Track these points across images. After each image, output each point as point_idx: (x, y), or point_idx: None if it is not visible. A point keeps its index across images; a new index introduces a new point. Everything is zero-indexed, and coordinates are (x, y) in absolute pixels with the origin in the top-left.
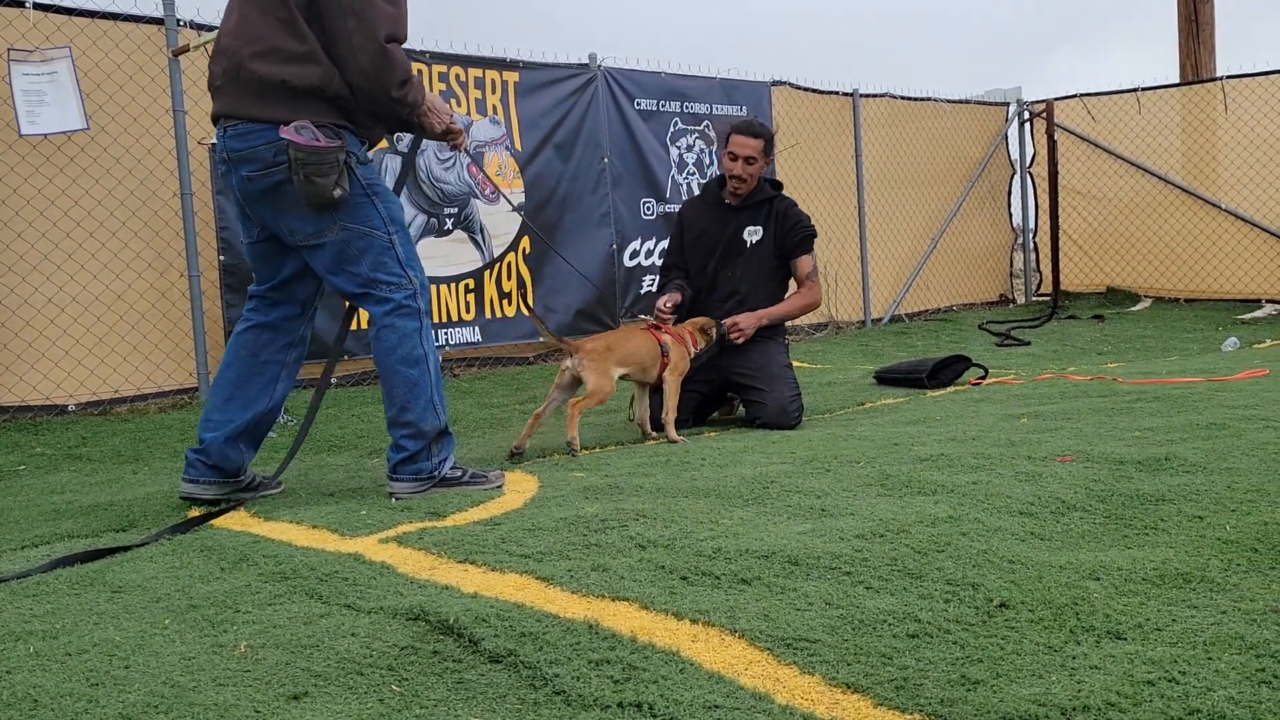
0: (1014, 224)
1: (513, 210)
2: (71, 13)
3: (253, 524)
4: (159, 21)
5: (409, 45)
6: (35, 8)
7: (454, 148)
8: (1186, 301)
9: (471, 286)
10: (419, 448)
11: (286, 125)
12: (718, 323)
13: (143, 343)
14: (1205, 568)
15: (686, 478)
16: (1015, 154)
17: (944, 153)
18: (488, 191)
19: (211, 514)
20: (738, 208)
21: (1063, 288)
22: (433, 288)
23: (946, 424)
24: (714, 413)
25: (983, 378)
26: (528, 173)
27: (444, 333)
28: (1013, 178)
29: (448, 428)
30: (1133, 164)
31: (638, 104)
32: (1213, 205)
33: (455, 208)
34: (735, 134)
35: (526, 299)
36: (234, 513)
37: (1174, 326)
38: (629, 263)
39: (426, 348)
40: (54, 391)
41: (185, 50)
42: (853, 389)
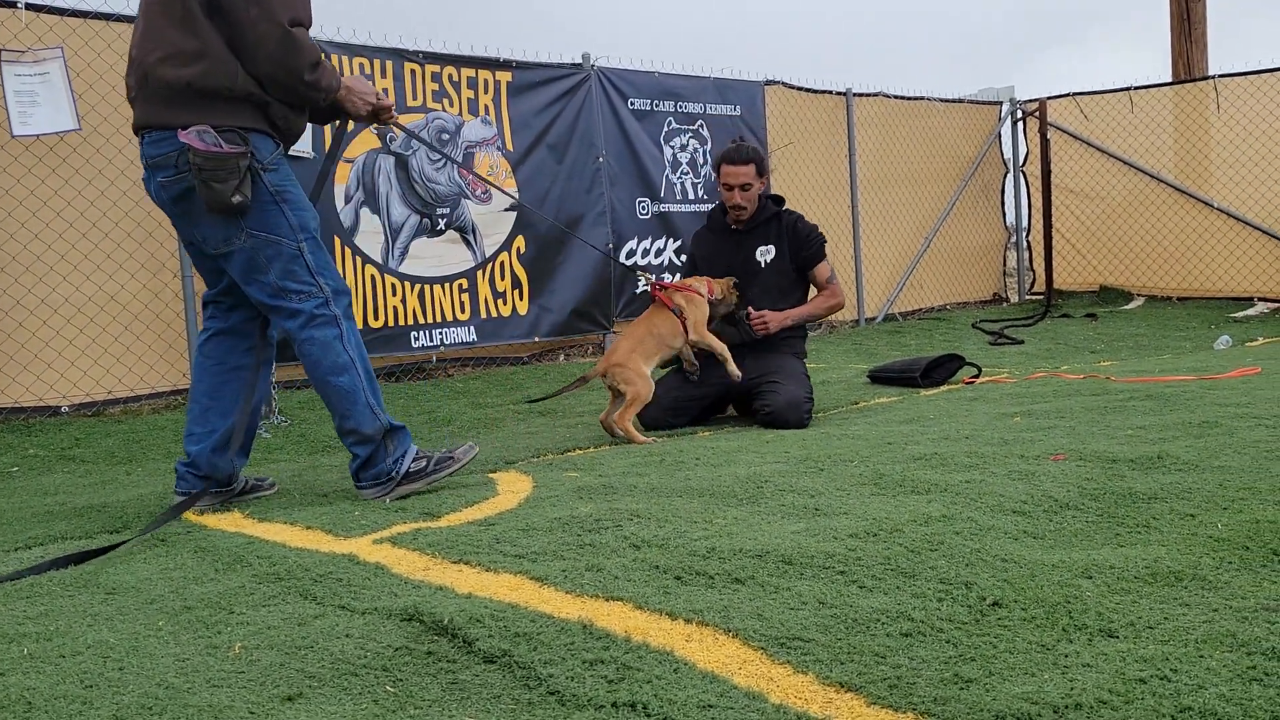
0: (1007, 223)
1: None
2: (64, 13)
3: (247, 525)
4: None
5: (404, 45)
6: (27, 8)
7: (384, 123)
8: (1179, 300)
9: (465, 286)
10: (370, 452)
11: (184, 130)
12: (741, 301)
13: (136, 344)
14: (1197, 566)
15: (680, 477)
16: (1008, 153)
17: (937, 152)
18: (479, 191)
19: (182, 505)
20: (745, 230)
21: (1056, 286)
22: (427, 288)
23: (940, 423)
24: (715, 414)
25: (976, 377)
26: (520, 173)
27: (438, 332)
28: (1006, 177)
29: (394, 424)
30: (1125, 163)
31: (631, 104)
32: (1205, 204)
33: (447, 208)
34: (725, 165)
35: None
36: (228, 514)
37: (1166, 325)
38: (625, 261)
39: (351, 353)
40: (47, 393)
41: None
42: (846, 388)
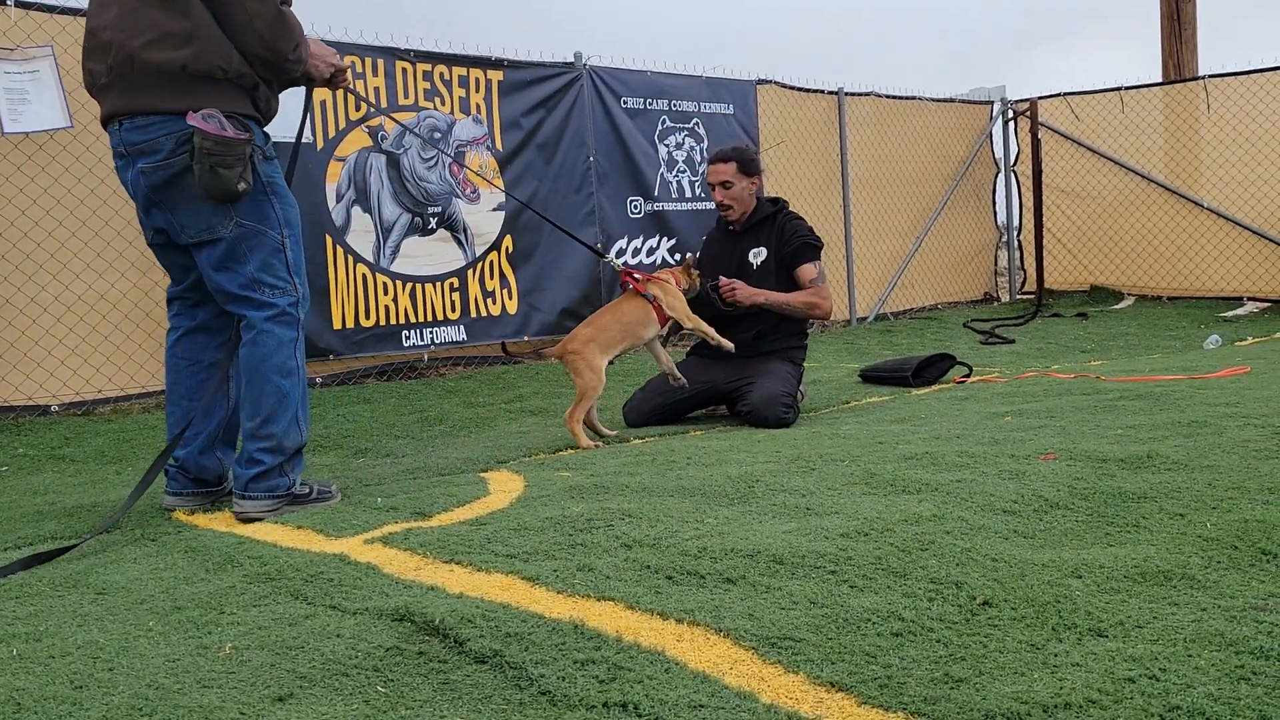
0: (998, 222)
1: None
2: (53, 10)
3: (237, 525)
4: None
5: (395, 44)
6: (17, 5)
7: (340, 86)
8: (1169, 299)
9: (456, 286)
10: (275, 464)
11: (194, 113)
12: (706, 276)
13: (126, 343)
14: (1186, 565)
15: (672, 477)
16: (999, 152)
17: (929, 151)
18: (469, 191)
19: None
20: (740, 232)
21: (1047, 286)
22: (417, 287)
23: (931, 422)
24: (698, 411)
25: (967, 376)
26: (507, 172)
27: (429, 332)
28: (997, 176)
29: (303, 447)
30: (1116, 162)
31: (625, 102)
32: (1195, 204)
33: (438, 207)
34: (709, 164)
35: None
36: (219, 513)
37: (1157, 324)
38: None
39: (299, 360)
40: (36, 392)
41: None
42: (838, 387)
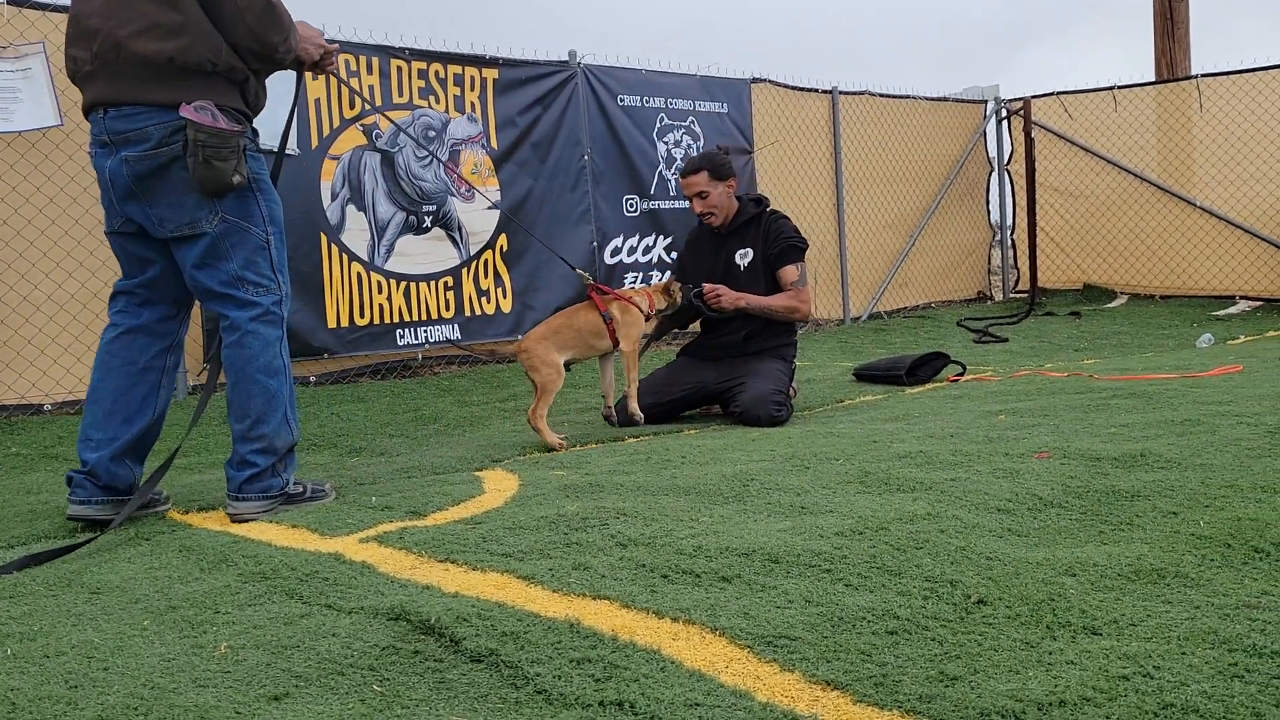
0: (992, 221)
1: (491, 207)
2: (45, 8)
3: (231, 524)
4: None
5: (390, 42)
6: (9, 3)
7: (325, 69)
8: (1162, 298)
9: (450, 284)
10: (268, 464)
11: (188, 105)
12: (686, 284)
13: None
14: (1179, 563)
15: (667, 476)
16: (993, 151)
17: (923, 150)
18: (463, 190)
19: (81, 542)
20: (725, 234)
21: (1040, 284)
22: (413, 285)
23: (925, 421)
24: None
25: (960, 375)
26: (502, 171)
27: (424, 330)
28: (990, 175)
29: (294, 446)
30: (1109, 161)
31: (620, 100)
32: (1188, 203)
33: (433, 205)
34: (681, 179)
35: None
36: (213, 512)
37: (1150, 323)
38: (610, 260)
39: (285, 359)
40: (29, 391)
41: None
42: (832, 386)
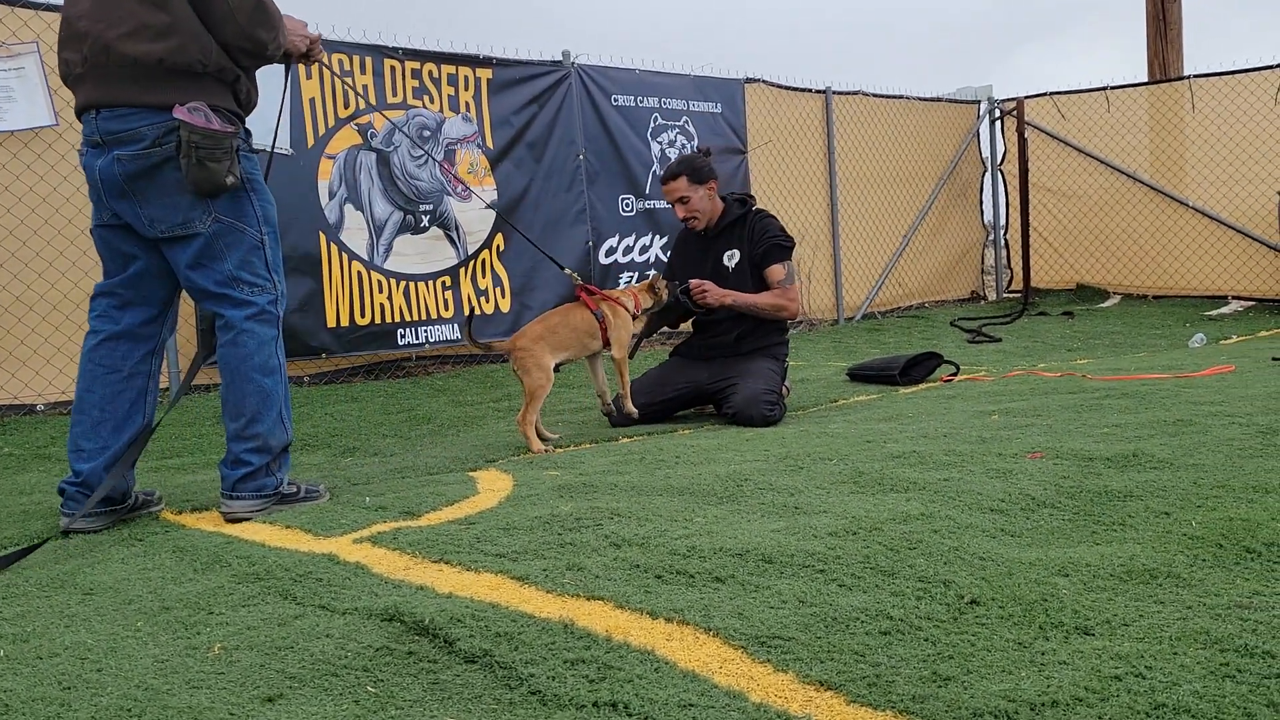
0: (985, 221)
1: (488, 207)
2: (38, 7)
3: (225, 524)
4: None
5: (384, 42)
6: (2, 3)
7: (314, 60)
8: (1155, 298)
9: (449, 284)
10: (262, 463)
11: (181, 106)
12: (673, 281)
13: None
14: (1171, 563)
15: (660, 476)
16: (986, 152)
17: (916, 150)
18: (459, 189)
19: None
20: (713, 235)
21: (1033, 284)
22: (412, 285)
23: (918, 421)
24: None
25: (954, 375)
26: (498, 171)
27: (423, 330)
28: (984, 175)
29: (289, 445)
30: (1102, 162)
31: (615, 100)
32: (1180, 203)
33: (430, 205)
34: (662, 185)
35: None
36: (206, 513)
37: (1142, 323)
38: (605, 260)
39: (280, 358)
40: (22, 391)
41: None
42: (825, 386)
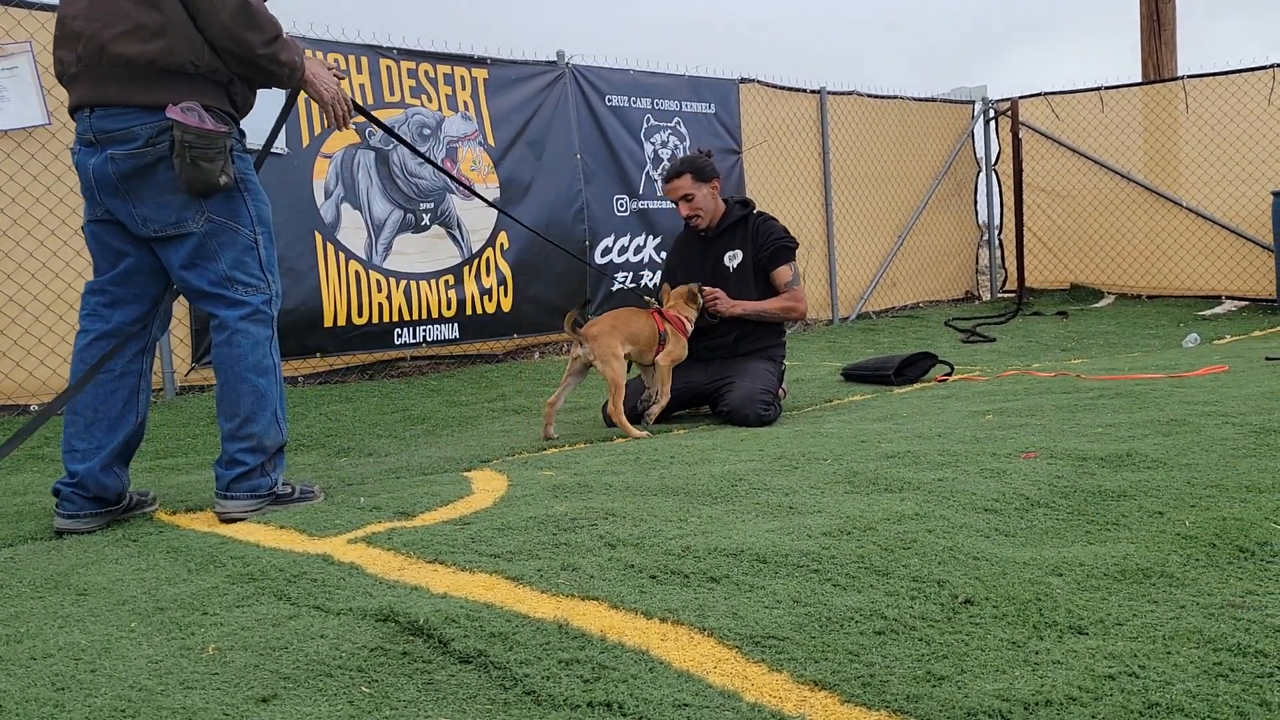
0: (980, 221)
1: (488, 205)
2: (32, 7)
3: (219, 525)
4: None
5: (378, 42)
6: None
7: (334, 118)
8: (1149, 298)
9: (452, 283)
10: (257, 463)
11: (174, 106)
12: (699, 288)
13: None
14: (1165, 563)
15: (655, 476)
16: (981, 152)
17: (911, 151)
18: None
19: None
20: (713, 236)
21: (1027, 284)
22: (413, 284)
23: (913, 421)
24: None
25: (948, 375)
26: (501, 169)
27: (422, 329)
28: (978, 175)
29: (284, 446)
30: (1096, 162)
31: (609, 100)
32: (1174, 203)
33: (431, 203)
34: (664, 184)
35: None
36: (201, 513)
37: (1136, 323)
38: (600, 259)
39: (275, 358)
40: (16, 391)
41: None
42: (820, 386)
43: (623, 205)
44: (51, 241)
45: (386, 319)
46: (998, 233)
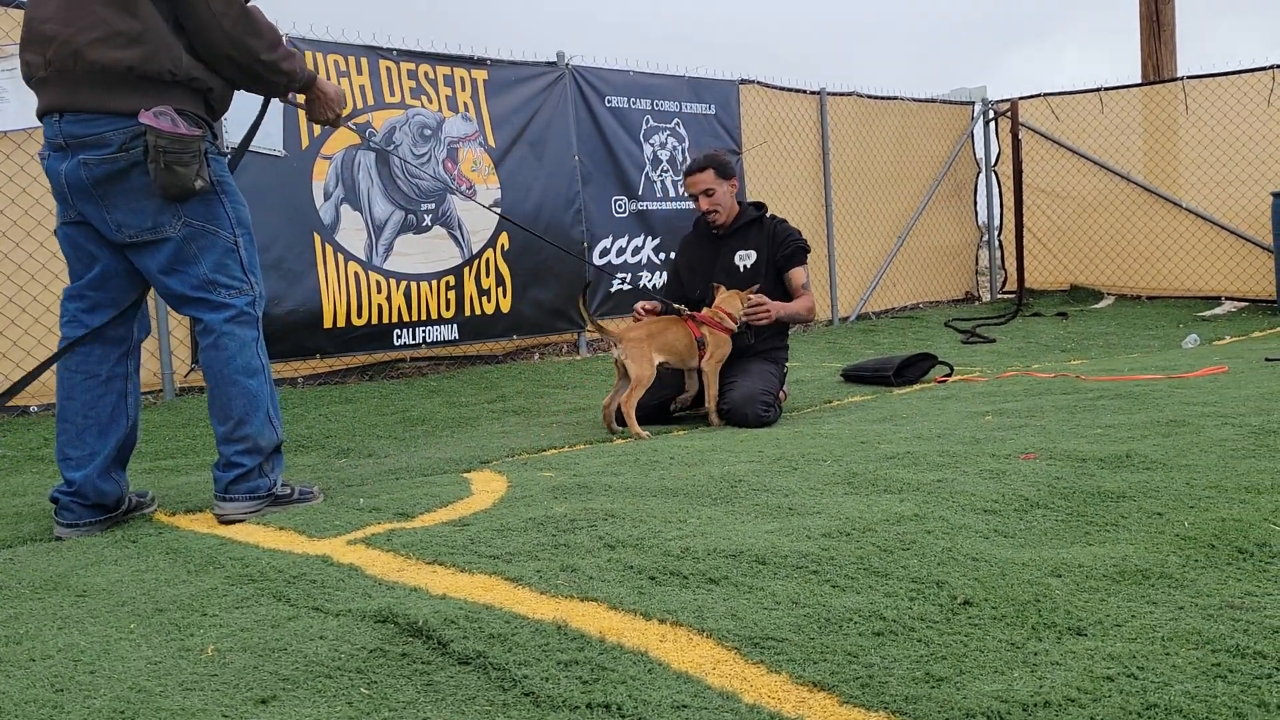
0: (979, 222)
1: (488, 209)
2: None
3: (218, 526)
4: None
5: (378, 43)
6: None
7: (329, 122)
8: (1148, 299)
9: (452, 284)
10: (254, 464)
11: (146, 110)
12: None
13: None
14: (1164, 564)
15: (655, 477)
16: (980, 152)
17: (910, 151)
18: (464, 187)
19: None
20: (725, 235)
21: (1027, 285)
22: (413, 285)
23: (912, 422)
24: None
25: (948, 375)
26: (502, 169)
27: (421, 330)
28: (978, 176)
29: (280, 445)
30: (1096, 163)
31: (609, 101)
32: (1174, 204)
33: (432, 203)
34: (686, 177)
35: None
36: (200, 514)
37: (1136, 324)
38: (599, 260)
39: (263, 359)
40: None
41: None
42: (820, 387)
43: (621, 206)
44: (51, 243)
45: (386, 320)
46: (997, 233)
